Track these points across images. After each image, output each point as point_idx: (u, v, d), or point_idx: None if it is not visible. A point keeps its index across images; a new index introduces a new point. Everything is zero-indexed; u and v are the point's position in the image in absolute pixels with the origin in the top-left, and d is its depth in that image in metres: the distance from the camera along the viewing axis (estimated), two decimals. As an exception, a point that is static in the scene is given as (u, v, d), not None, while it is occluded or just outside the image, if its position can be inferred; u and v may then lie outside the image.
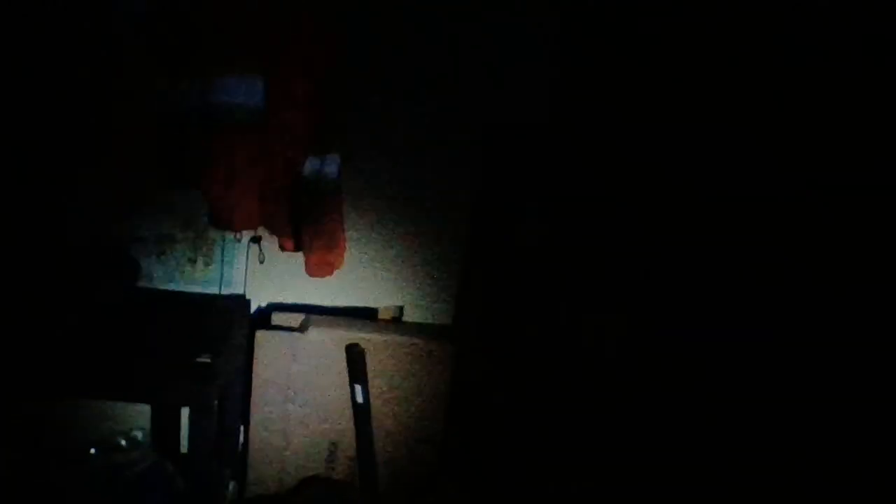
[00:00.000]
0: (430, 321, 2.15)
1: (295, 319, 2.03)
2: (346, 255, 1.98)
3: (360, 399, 1.96)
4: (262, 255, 2.04)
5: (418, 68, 2.00)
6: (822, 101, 1.88)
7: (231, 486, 2.04)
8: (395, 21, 1.96)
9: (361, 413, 1.97)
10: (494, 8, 1.98)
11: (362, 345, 1.98)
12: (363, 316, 2.12)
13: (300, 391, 1.99)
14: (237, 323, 1.92)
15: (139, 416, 2.05)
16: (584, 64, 2.01)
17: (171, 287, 2.06)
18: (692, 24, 1.93)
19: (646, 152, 2.01)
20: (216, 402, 1.63)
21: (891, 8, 1.83)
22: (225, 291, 2.06)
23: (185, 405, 1.62)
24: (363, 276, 2.12)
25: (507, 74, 2.01)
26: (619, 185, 2.03)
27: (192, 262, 2.06)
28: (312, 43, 1.73)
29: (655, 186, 2.01)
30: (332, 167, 1.84)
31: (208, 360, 1.64)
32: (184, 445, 2.09)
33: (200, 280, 2.06)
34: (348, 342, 1.98)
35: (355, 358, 1.97)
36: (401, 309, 2.14)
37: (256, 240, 2.04)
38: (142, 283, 2.01)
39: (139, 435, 1.99)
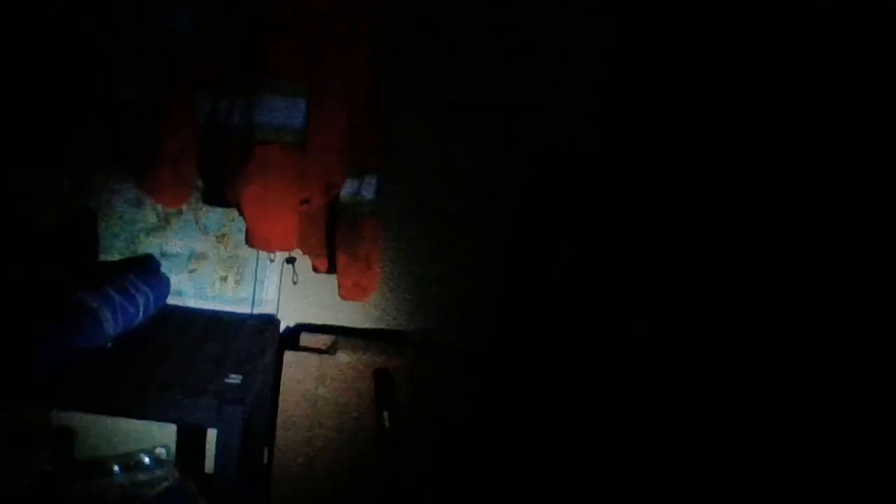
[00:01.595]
0: (460, 344, 2.11)
1: (323, 341, 2.01)
2: (378, 278, 1.96)
3: (387, 425, 1.93)
4: (295, 276, 2.03)
5: (452, 90, 2.00)
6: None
7: (254, 508, 2.02)
8: (425, 43, 1.98)
9: (389, 439, 1.94)
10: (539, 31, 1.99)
11: (391, 369, 1.95)
12: (392, 339, 2.09)
13: (327, 415, 1.96)
14: (267, 343, 1.91)
15: (164, 433, 2.04)
16: (618, 78, 2.00)
17: (202, 304, 2.05)
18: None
19: (649, 157, 2.00)
20: (243, 424, 1.61)
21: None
22: (256, 311, 2.05)
23: (212, 426, 1.59)
24: (393, 299, 2.10)
25: (547, 93, 2.00)
26: (628, 191, 2.03)
27: (224, 279, 2.05)
28: (354, 66, 1.72)
29: (661, 190, 2.01)
30: (369, 190, 1.84)
31: (237, 381, 1.63)
32: (208, 465, 2.07)
33: (231, 298, 2.05)
34: (377, 366, 1.95)
35: (384, 383, 1.94)
36: (430, 332, 2.12)
37: (291, 260, 2.03)
38: (172, 300, 2.00)
39: (163, 453, 1.97)
